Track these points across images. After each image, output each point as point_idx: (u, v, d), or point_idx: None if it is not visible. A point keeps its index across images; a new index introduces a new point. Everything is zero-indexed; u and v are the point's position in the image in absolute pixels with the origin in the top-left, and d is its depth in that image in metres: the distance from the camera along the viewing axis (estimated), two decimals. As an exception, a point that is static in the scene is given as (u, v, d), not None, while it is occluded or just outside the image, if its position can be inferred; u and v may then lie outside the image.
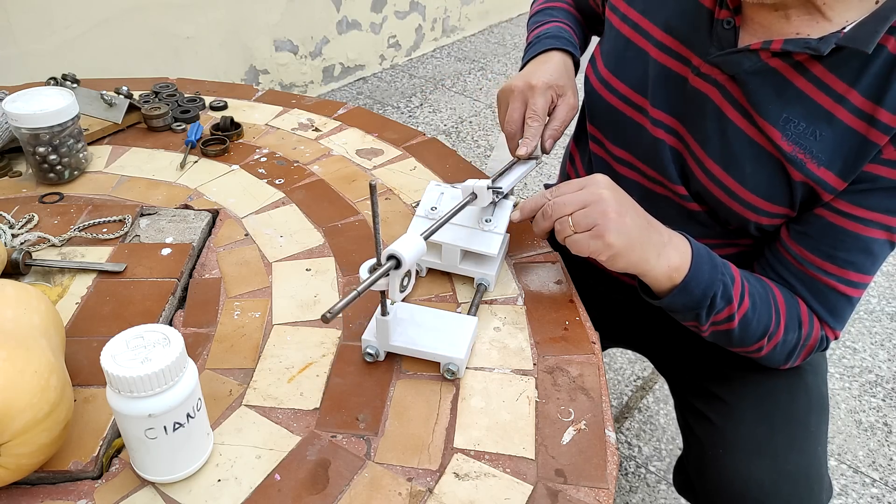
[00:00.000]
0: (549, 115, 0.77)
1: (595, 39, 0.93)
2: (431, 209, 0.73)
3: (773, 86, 0.65)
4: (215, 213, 0.81)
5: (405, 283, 0.58)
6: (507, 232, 0.71)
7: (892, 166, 0.62)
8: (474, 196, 0.68)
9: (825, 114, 0.63)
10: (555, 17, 0.90)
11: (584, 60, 0.90)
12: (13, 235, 0.74)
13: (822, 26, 0.62)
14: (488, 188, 0.68)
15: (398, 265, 0.55)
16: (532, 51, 0.85)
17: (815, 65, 0.63)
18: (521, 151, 0.75)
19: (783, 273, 0.71)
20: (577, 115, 0.96)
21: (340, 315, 0.67)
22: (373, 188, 0.51)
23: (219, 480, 0.52)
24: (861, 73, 0.61)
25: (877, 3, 0.60)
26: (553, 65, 0.80)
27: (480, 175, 0.90)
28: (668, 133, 0.74)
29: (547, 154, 0.78)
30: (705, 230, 0.77)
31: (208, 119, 1.01)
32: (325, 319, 0.48)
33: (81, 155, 0.86)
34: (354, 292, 0.52)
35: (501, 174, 0.74)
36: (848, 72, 0.61)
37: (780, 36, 0.64)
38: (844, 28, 0.60)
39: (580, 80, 0.84)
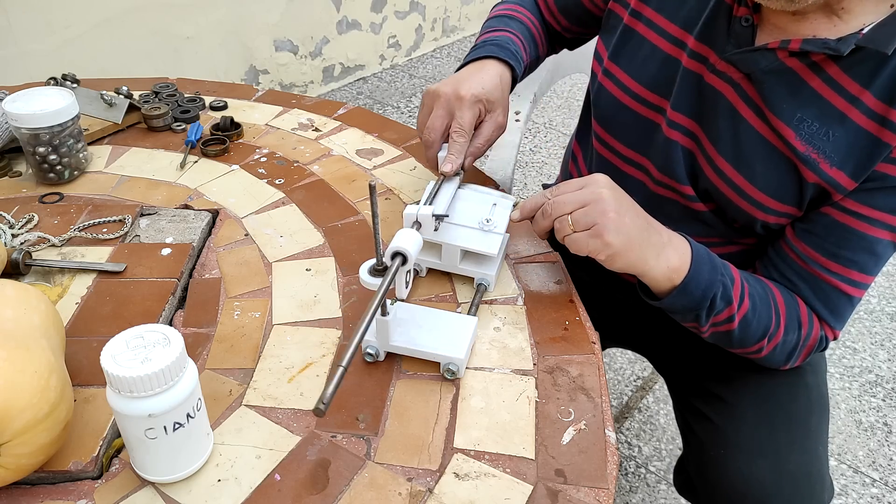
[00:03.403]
0: (475, 130, 0.74)
1: (596, 38, 0.91)
2: (431, 209, 0.73)
3: (787, 85, 0.65)
4: (215, 213, 0.81)
5: (407, 280, 0.58)
6: (507, 232, 0.71)
7: None
8: (419, 225, 0.66)
9: (838, 114, 0.63)
10: (509, 27, 0.85)
11: (575, 59, 0.87)
12: (13, 235, 0.74)
13: (839, 28, 0.62)
14: (433, 215, 0.66)
15: (404, 261, 0.55)
16: (472, 54, 0.81)
17: (831, 65, 0.63)
18: (447, 168, 0.72)
19: (786, 271, 0.71)
20: (581, 111, 0.96)
21: (340, 315, 0.67)
22: (372, 188, 0.51)
23: (219, 480, 0.52)
24: (875, 75, 0.61)
25: (892, 6, 0.60)
26: (487, 76, 0.75)
27: (479, 175, 0.90)
28: (683, 134, 0.73)
29: (464, 172, 0.75)
30: (709, 229, 0.77)
31: (208, 119, 1.01)
32: (318, 413, 0.44)
33: (81, 155, 0.86)
34: (341, 369, 0.47)
35: (434, 197, 0.70)
36: (862, 73, 0.62)
37: (798, 36, 0.64)
38: (862, 29, 0.61)
39: (581, 80, 0.84)
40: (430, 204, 0.69)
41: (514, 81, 0.81)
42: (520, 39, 0.84)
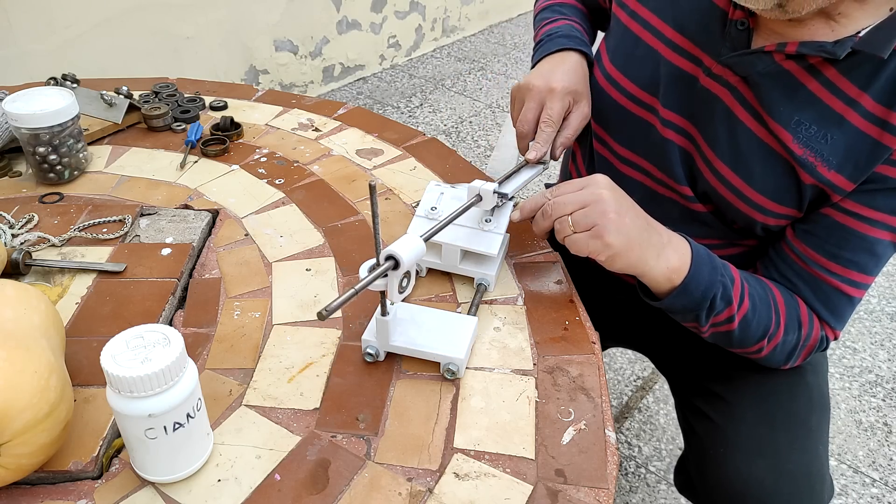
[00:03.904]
0: (563, 121, 0.77)
1: (600, 34, 0.92)
2: (431, 209, 0.73)
3: (784, 88, 0.65)
4: (215, 213, 0.81)
5: (404, 284, 0.58)
6: (507, 232, 0.71)
7: None
8: (479, 198, 0.68)
9: (837, 117, 0.63)
10: (565, 14, 0.88)
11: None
12: (13, 235, 0.74)
13: (837, 31, 0.62)
14: (494, 192, 0.68)
15: (396, 266, 0.55)
16: (546, 48, 0.83)
17: (829, 68, 0.63)
18: (531, 155, 0.74)
19: (786, 271, 0.71)
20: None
21: (340, 315, 0.67)
22: (372, 188, 0.51)
23: (219, 480, 0.52)
24: (873, 78, 0.61)
25: (891, 9, 0.60)
26: (571, 67, 0.78)
27: (481, 176, 0.90)
28: (678, 133, 0.73)
29: (555, 161, 0.77)
30: (709, 230, 0.77)
31: (208, 119, 1.01)
32: (321, 317, 0.48)
33: (81, 155, 0.86)
34: (352, 290, 0.52)
35: (508, 177, 0.73)
36: (860, 76, 0.62)
37: (794, 39, 0.64)
38: (859, 32, 0.60)
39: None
40: (503, 181, 0.71)
41: (591, 67, 0.83)
42: (580, 25, 0.87)
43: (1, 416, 0.44)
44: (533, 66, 0.82)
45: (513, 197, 0.73)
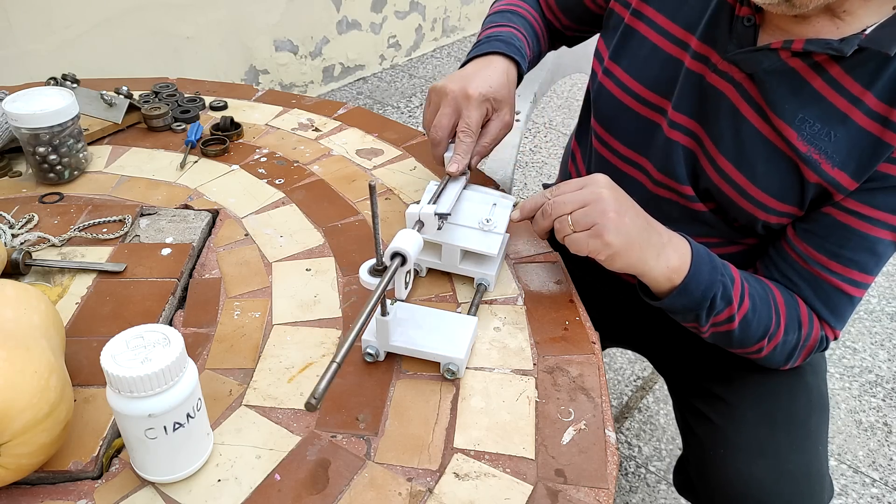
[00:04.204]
0: (482, 128, 0.74)
1: (596, 37, 0.90)
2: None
3: (790, 85, 0.65)
4: (215, 213, 0.81)
5: (407, 280, 0.58)
6: (507, 232, 0.71)
7: None
8: (421, 224, 0.66)
9: (840, 115, 0.63)
10: (512, 22, 0.85)
11: (575, 58, 0.87)
12: (13, 235, 0.74)
13: (842, 29, 0.62)
14: (435, 214, 0.65)
15: (403, 262, 0.55)
16: (477, 49, 0.80)
17: (833, 66, 0.63)
18: (452, 168, 0.71)
19: (786, 271, 0.71)
20: (581, 110, 0.96)
21: (340, 315, 0.67)
22: (372, 188, 0.51)
23: (219, 480, 0.52)
24: (877, 76, 0.61)
25: (894, 8, 0.60)
26: (494, 73, 0.75)
27: (479, 176, 0.90)
28: (685, 134, 0.73)
29: (470, 171, 0.74)
30: (709, 230, 0.77)
31: (208, 119, 1.01)
32: (310, 407, 0.44)
33: (81, 155, 0.86)
34: (335, 365, 0.46)
35: (438, 197, 0.70)
36: (864, 74, 0.62)
37: (800, 36, 0.64)
38: (865, 30, 0.61)
39: (581, 80, 0.84)
40: (433, 203, 0.68)
41: (520, 77, 0.80)
42: (523, 35, 0.83)
43: (1, 416, 0.44)
44: (461, 67, 0.79)
45: (516, 203, 0.73)
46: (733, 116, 0.69)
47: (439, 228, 0.67)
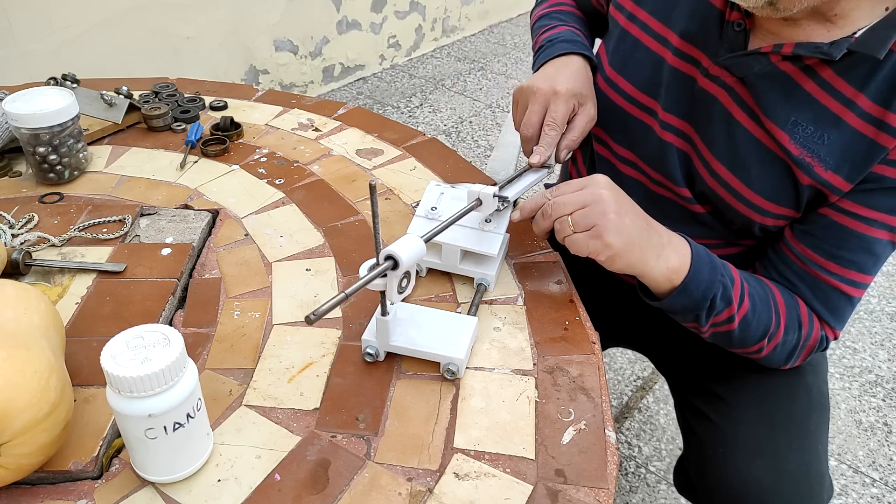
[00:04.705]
0: (568, 123, 0.76)
1: (598, 40, 0.92)
2: (431, 209, 0.73)
3: (781, 89, 0.65)
4: (215, 213, 0.81)
5: (404, 285, 0.58)
6: (507, 232, 0.71)
7: None
8: (479, 202, 0.67)
9: (833, 118, 0.63)
10: (565, 20, 0.88)
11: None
12: (13, 235, 0.74)
13: (833, 32, 0.62)
14: (494, 196, 0.67)
15: (395, 266, 0.55)
16: (548, 53, 0.82)
17: (825, 69, 0.63)
18: (535, 159, 0.73)
19: (785, 272, 0.71)
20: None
21: (340, 315, 0.67)
22: (373, 188, 0.51)
23: (219, 480, 0.52)
24: (870, 78, 0.61)
25: (887, 9, 0.60)
26: (574, 70, 0.78)
27: (480, 176, 0.90)
28: (677, 136, 0.73)
29: (560, 164, 0.76)
30: (708, 231, 0.77)
31: (208, 119, 1.01)
32: (309, 320, 0.47)
33: (81, 155, 0.86)
34: (342, 294, 0.51)
35: (510, 181, 0.72)
36: (857, 76, 0.62)
37: (791, 40, 0.64)
38: (855, 33, 0.60)
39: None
40: (505, 185, 0.70)
41: (594, 71, 0.83)
42: (581, 31, 0.87)
43: (1, 416, 0.44)
44: (535, 71, 0.82)
45: (516, 201, 0.73)
46: (726, 120, 0.69)
47: (498, 209, 0.68)
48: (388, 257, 0.55)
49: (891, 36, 0.59)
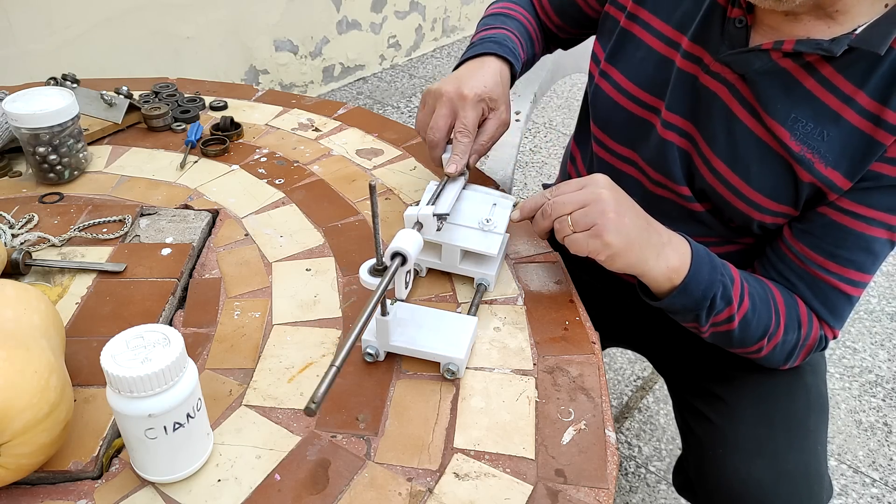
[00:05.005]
0: (479, 128, 0.74)
1: (591, 41, 0.91)
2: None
3: (782, 86, 0.65)
4: (215, 213, 0.81)
5: (407, 280, 0.58)
6: (507, 232, 0.71)
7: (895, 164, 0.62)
8: (420, 225, 0.66)
9: (833, 114, 0.63)
10: (505, 25, 0.85)
11: (575, 59, 0.87)
12: (13, 235, 0.74)
13: (833, 29, 0.62)
14: (434, 215, 0.66)
15: (404, 262, 0.55)
16: (471, 51, 0.80)
17: (825, 66, 0.63)
18: (451, 169, 0.72)
19: (784, 271, 0.71)
20: (580, 113, 0.96)
21: (340, 315, 0.67)
22: (373, 188, 0.51)
23: (219, 480, 0.52)
24: (869, 75, 0.61)
25: (886, 5, 0.60)
26: (488, 73, 0.75)
27: (480, 175, 0.90)
28: (678, 134, 0.73)
29: (469, 171, 0.74)
30: (707, 229, 0.77)
31: (208, 119, 1.01)
32: (309, 413, 0.43)
33: (81, 155, 0.86)
34: (334, 369, 0.46)
35: (437, 197, 0.70)
36: (856, 73, 0.62)
37: (791, 36, 0.64)
38: (856, 30, 0.61)
39: (581, 80, 0.84)
40: (432, 203, 0.68)
41: (513, 78, 0.81)
42: (517, 37, 0.83)
43: (1, 416, 0.44)
44: (454, 70, 0.80)
45: (516, 203, 0.73)
46: (726, 117, 0.69)
47: (438, 229, 0.67)
48: (396, 254, 0.55)
49: (891, 32, 0.59)
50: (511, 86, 0.80)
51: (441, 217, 0.67)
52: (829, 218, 0.67)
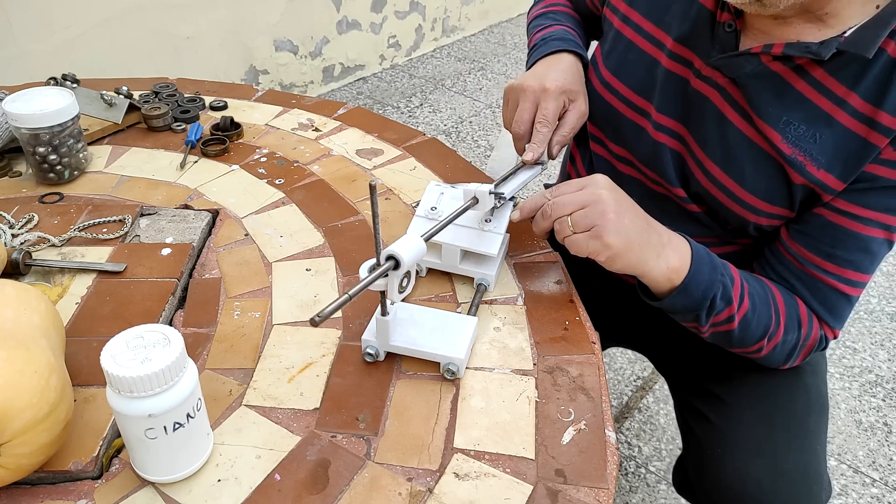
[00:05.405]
0: (559, 119, 0.76)
1: (593, 43, 0.92)
2: (431, 209, 0.73)
3: (773, 89, 0.65)
4: (215, 213, 0.81)
5: (404, 284, 0.58)
6: (507, 232, 0.71)
7: (891, 166, 0.62)
8: (475, 200, 0.67)
9: (825, 117, 0.63)
10: (559, 20, 0.89)
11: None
12: (13, 235, 0.74)
13: (823, 32, 0.62)
14: (490, 193, 0.67)
15: (397, 266, 0.55)
16: (541, 51, 0.83)
17: (816, 68, 0.63)
18: (528, 156, 0.73)
19: (783, 272, 0.71)
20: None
21: (340, 315, 0.67)
22: (373, 188, 0.51)
23: (219, 480, 0.52)
24: (861, 77, 0.61)
25: (877, 7, 0.60)
26: (566, 67, 0.78)
27: (480, 176, 0.90)
28: (671, 137, 0.74)
29: (553, 160, 0.77)
30: (705, 230, 0.77)
31: (208, 119, 1.01)
32: (314, 323, 0.48)
33: (81, 155, 0.86)
34: (345, 296, 0.51)
35: (505, 179, 0.72)
36: (848, 75, 0.62)
37: (781, 40, 0.64)
38: (845, 32, 0.60)
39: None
40: (502, 182, 0.71)
41: (586, 69, 0.83)
42: (574, 30, 0.87)
43: (1, 416, 0.44)
44: (527, 70, 0.82)
45: (513, 198, 0.73)
46: (718, 120, 0.69)
47: (495, 206, 0.69)
48: (390, 257, 0.55)
49: (880, 35, 0.59)
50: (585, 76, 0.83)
51: (500, 196, 0.69)
52: (825, 219, 0.67)
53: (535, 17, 0.94)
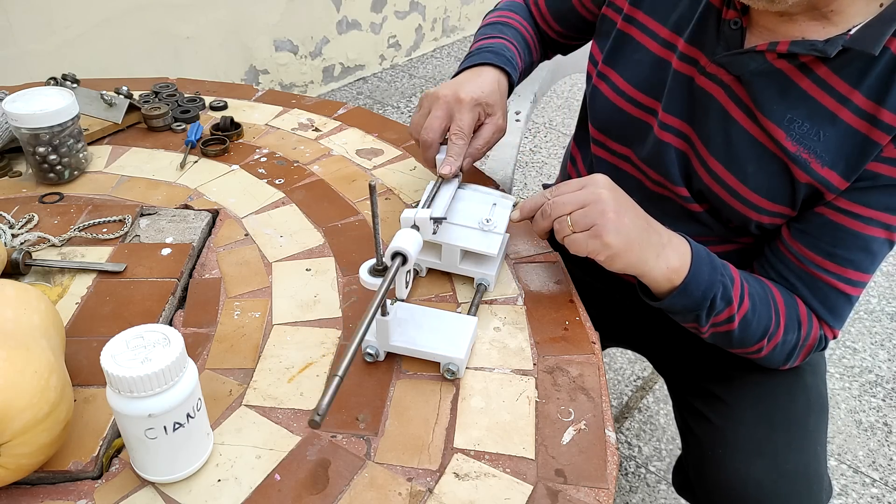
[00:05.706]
0: (474, 132, 0.75)
1: (589, 44, 0.90)
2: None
3: (777, 87, 0.65)
4: (215, 213, 0.81)
5: (407, 280, 0.58)
6: (507, 232, 0.71)
7: (892, 164, 0.62)
8: (417, 228, 0.65)
9: (829, 114, 0.63)
10: (503, 34, 0.86)
11: (575, 59, 0.87)
12: (13, 235, 0.74)
13: (828, 29, 0.62)
14: (431, 219, 0.66)
15: (404, 261, 0.55)
16: (468, 61, 0.81)
17: (820, 66, 0.63)
18: (445, 170, 0.72)
19: (783, 271, 0.71)
20: (579, 114, 0.96)
21: (340, 315, 0.67)
22: (372, 188, 0.51)
23: (219, 480, 0.52)
24: (864, 75, 0.61)
25: (881, 5, 0.60)
26: (485, 81, 0.76)
27: (479, 175, 0.90)
28: (675, 135, 0.74)
29: (462, 173, 0.75)
30: (705, 229, 0.77)
31: (208, 119, 1.01)
32: (314, 424, 0.43)
33: (81, 155, 0.86)
34: (337, 379, 0.46)
35: (431, 200, 0.70)
36: (851, 73, 0.62)
37: (786, 37, 0.64)
38: (850, 30, 0.61)
39: (581, 80, 0.84)
40: (428, 206, 0.69)
41: (511, 87, 0.81)
42: (514, 46, 0.84)
43: (1, 416, 0.44)
44: (452, 78, 0.80)
45: (516, 203, 0.73)
46: (723, 118, 0.69)
47: (434, 233, 0.67)
48: (397, 254, 0.55)
49: (885, 32, 0.59)
50: (509, 95, 0.81)
51: (438, 220, 0.67)
52: (826, 218, 0.67)
53: (484, 25, 0.91)
